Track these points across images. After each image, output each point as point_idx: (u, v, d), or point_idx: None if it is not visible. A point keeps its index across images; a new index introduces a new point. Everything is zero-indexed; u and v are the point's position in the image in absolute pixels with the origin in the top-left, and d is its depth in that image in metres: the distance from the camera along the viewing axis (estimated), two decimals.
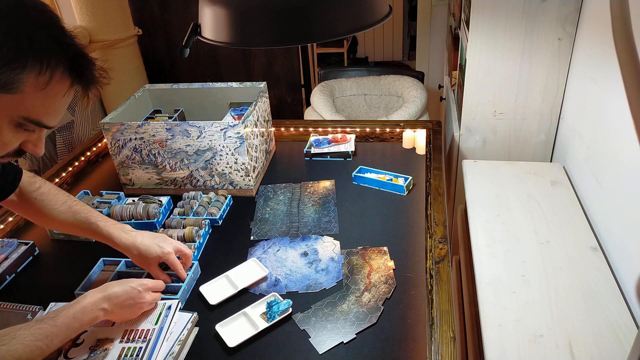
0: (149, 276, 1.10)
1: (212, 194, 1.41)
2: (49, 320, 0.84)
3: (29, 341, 0.79)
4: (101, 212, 1.34)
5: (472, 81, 1.65)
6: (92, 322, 0.89)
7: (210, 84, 1.63)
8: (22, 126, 0.67)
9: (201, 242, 1.25)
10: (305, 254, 1.21)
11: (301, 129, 1.83)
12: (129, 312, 0.96)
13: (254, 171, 1.46)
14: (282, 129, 1.83)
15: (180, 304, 1.02)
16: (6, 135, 0.66)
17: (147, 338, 0.94)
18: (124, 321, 0.98)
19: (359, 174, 1.49)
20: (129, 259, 1.18)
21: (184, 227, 1.28)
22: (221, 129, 1.35)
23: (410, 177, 1.44)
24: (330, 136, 1.70)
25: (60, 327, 0.83)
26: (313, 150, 1.65)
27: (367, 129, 1.76)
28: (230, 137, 1.36)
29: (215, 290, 1.10)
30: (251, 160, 1.43)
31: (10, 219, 1.37)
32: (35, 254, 1.27)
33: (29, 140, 0.70)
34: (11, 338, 0.77)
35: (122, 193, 1.45)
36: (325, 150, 1.65)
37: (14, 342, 0.77)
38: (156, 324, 0.97)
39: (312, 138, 1.71)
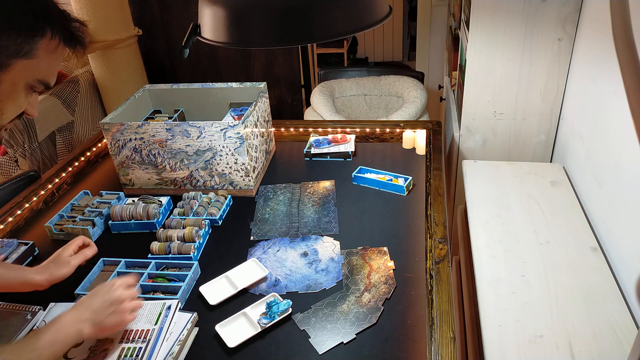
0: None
1: (212, 194, 1.41)
2: (32, 337, 0.81)
3: (14, 358, 0.76)
4: (101, 212, 1.35)
5: (472, 81, 1.65)
6: (77, 338, 0.85)
7: (210, 84, 1.63)
8: (33, 88, 0.73)
9: (201, 242, 1.25)
10: (305, 254, 1.21)
11: (301, 129, 1.83)
12: (115, 318, 0.90)
13: (253, 171, 1.46)
14: (282, 129, 1.83)
15: (180, 304, 1.02)
16: (21, 98, 0.73)
17: (147, 338, 0.94)
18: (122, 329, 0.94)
19: (359, 174, 1.49)
20: (129, 259, 1.18)
21: (183, 227, 1.28)
22: (221, 129, 1.35)
23: (410, 178, 1.44)
24: (330, 136, 1.70)
25: (44, 343, 0.80)
26: (313, 151, 1.65)
27: (367, 129, 1.76)
28: (230, 137, 1.35)
29: (215, 291, 1.10)
30: (251, 161, 1.43)
31: (10, 219, 1.37)
32: (35, 254, 1.27)
33: (29, 103, 0.76)
34: None
35: (122, 193, 1.45)
36: (325, 150, 1.65)
37: None
38: (156, 324, 0.97)
39: (312, 138, 1.71)
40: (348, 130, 1.78)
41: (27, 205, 1.43)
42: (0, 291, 1.04)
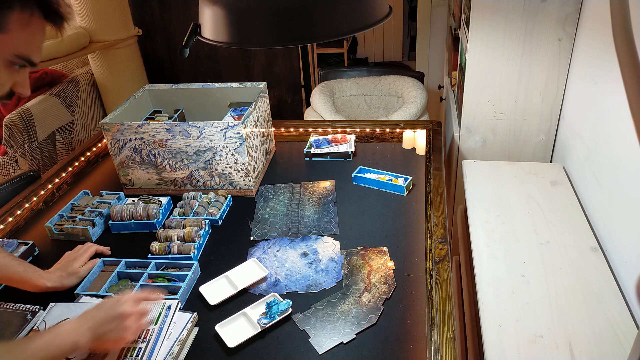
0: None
1: (212, 194, 1.41)
2: (27, 340, 0.80)
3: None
4: (101, 212, 1.35)
5: (472, 81, 1.65)
6: (72, 349, 0.83)
7: (210, 84, 1.63)
8: (14, 64, 0.72)
9: (201, 242, 1.25)
10: (305, 254, 1.21)
11: (301, 130, 1.83)
12: (116, 334, 0.87)
13: (253, 171, 1.46)
14: (282, 129, 1.83)
15: (180, 304, 1.02)
16: (2, 75, 0.71)
17: (147, 338, 0.94)
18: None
19: (359, 174, 1.49)
20: (129, 259, 1.18)
21: (183, 228, 1.28)
22: (221, 129, 1.35)
23: (410, 178, 1.44)
24: (330, 136, 1.70)
25: (36, 348, 0.79)
26: (313, 151, 1.65)
27: (367, 130, 1.76)
28: (230, 137, 1.36)
29: (215, 291, 1.10)
30: (251, 161, 1.43)
31: (10, 219, 1.37)
32: (35, 254, 1.27)
33: (17, 82, 0.75)
34: None
35: (122, 193, 1.45)
36: (325, 150, 1.65)
37: None
38: (156, 324, 0.97)
39: (312, 138, 1.71)
40: (348, 130, 1.78)
41: (27, 205, 1.43)
42: (10, 284, 1.10)
